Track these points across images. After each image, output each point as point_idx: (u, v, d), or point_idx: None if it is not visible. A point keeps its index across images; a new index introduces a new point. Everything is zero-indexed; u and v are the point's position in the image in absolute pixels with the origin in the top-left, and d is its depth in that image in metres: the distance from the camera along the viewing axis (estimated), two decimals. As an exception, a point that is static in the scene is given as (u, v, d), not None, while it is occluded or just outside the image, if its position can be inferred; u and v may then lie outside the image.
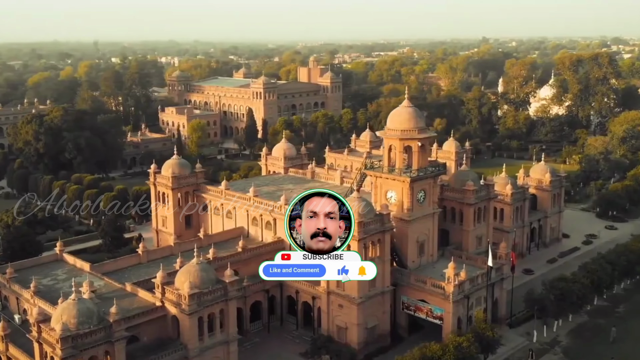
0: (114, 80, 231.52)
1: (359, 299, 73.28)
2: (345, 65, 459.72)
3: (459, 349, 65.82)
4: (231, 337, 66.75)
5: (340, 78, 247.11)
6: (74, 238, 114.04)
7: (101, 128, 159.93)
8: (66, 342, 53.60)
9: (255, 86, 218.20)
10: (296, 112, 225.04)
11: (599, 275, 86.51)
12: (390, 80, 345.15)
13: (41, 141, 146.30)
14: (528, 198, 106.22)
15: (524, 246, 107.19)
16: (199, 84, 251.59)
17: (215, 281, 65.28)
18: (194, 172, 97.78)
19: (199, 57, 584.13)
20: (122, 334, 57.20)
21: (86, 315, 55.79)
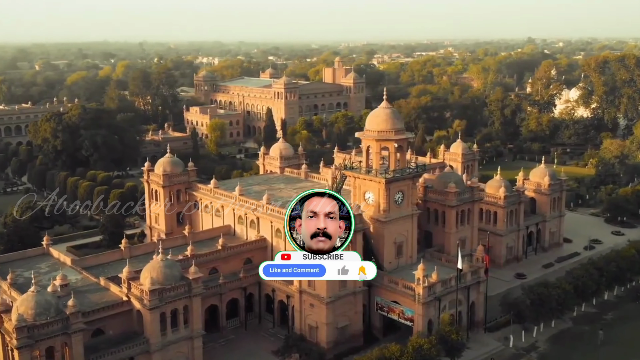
0: (141, 79, 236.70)
1: (327, 299, 73.90)
2: (379, 65, 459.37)
3: (418, 350, 65.83)
4: (195, 333, 68.20)
5: (364, 78, 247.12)
6: (78, 233, 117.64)
7: (119, 126, 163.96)
8: (21, 332, 55.85)
9: (277, 86, 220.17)
10: (318, 113, 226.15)
11: (583, 281, 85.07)
12: (422, 80, 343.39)
13: (59, 138, 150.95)
14: (524, 201, 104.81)
15: (519, 250, 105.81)
16: (225, 84, 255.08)
17: (179, 278, 66.87)
18: (186, 171, 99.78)
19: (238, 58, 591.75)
20: (79, 326, 59.20)
21: (43, 307, 57.97)
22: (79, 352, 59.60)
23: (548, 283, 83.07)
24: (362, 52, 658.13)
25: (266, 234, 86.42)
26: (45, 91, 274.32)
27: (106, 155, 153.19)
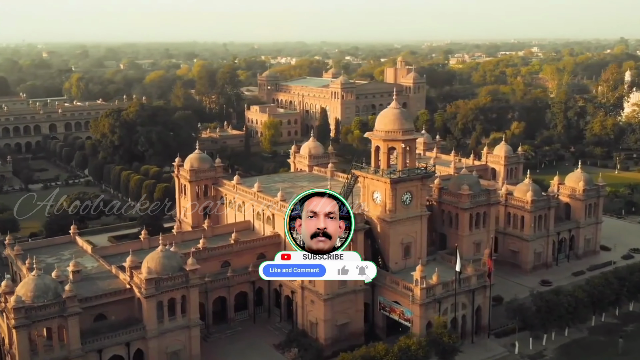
0: (207, 79, 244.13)
1: (325, 296, 75.08)
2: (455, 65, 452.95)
3: (405, 351, 65.95)
4: (192, 323, 70.98)
5: (424, 78, 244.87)
6: (122, 224, 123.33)
7: (174, 123, 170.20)
8: (19, 312, 60.15)
9: (333, 86, 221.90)
10: (375, 113, 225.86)
11: (600, 290, 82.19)
12: (494, 81, 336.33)
13: (116, 134, 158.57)
14: (554, 206, 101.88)
15: (549, 256, 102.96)
16: (286, 84, 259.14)
17: (177, 268, 69.82)
18: (213, 167, 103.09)
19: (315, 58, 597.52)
20: (75, 310, 62.95)
21: (42, 290, 62.11)
22: (75, 335, 63.47)
23: (560, 290, 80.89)
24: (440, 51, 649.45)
25: (280, 230, 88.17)
26: (122, 89, 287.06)
27: (160, 150, 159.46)
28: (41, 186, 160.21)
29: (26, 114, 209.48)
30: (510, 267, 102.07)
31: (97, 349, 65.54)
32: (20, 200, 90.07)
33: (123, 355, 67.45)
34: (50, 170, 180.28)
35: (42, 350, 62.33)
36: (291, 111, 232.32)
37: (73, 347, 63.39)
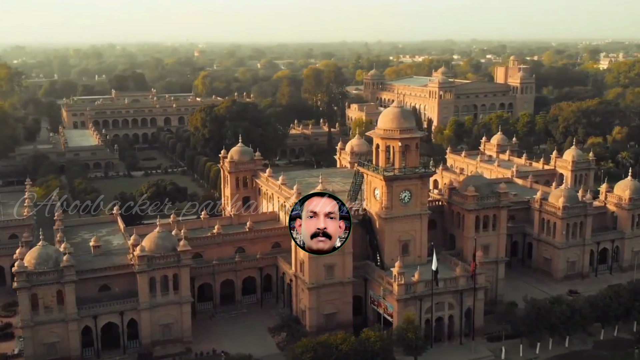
0: (313, 78, 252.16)
1: (310, 284, 78.52)
2: (599, 65, 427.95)
3: (363, 342, 67.94)
4: (183, 299, 77.68)
5: (533, 78, 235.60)
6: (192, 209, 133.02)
7: (262, 119, 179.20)
8: (20, 276, 69.92)
9: (431, 85, 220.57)
10: (477, 113, 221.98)
11: (606, 303, 78.34)
12: (628, 82, 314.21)
13: (207, 128, 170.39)
14: (591, 214, 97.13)
15: (584, 266, 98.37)
16: (390, 83, 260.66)
17: (170, 249, 76.79)
18: (253, 159, 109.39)
19: (437, 57, 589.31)
20: (71, 278, 71.78)
21: (43, 259, 71.55)
22: (72, 300, 72.36)
23: (560, 299, 78.16)
24: (586, 50, 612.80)
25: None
26: (244, 87, 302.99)
27: (247, 144, 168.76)
28: (142, 173, 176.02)
29: (144, 107, 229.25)
30: (543, 274, 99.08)
31: (92, 315, 74.10)
32: (20, 202, 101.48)
33: (117, 323, 75.53)
34: (157, 160, 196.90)
35: (43, 312, 71.75)
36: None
37: (69, 311, 72.38)
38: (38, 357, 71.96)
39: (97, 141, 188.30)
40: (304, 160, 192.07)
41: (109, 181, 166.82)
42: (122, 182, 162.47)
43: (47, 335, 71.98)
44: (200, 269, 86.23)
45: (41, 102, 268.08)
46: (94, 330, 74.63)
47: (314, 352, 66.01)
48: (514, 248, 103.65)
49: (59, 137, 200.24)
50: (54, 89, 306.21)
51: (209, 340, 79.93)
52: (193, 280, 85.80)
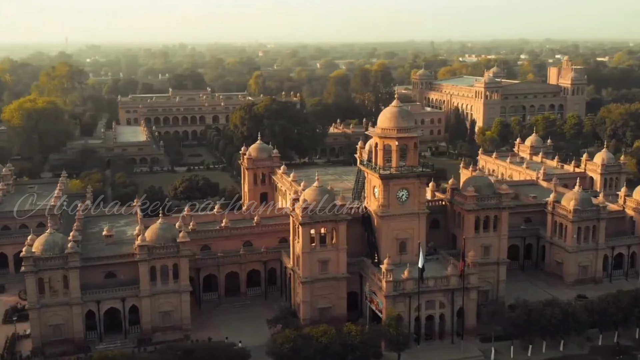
0: (361, 77, 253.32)
1: (303, 279, 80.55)
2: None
3: (344, 336, 69.43)
4: (182, 288, 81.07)
5: (585, 79, 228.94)
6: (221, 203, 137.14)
7: (300, 118, 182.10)
8: (27, 260, 74.89)
9: (477, 85, 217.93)
10: (525, 114, 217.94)
11: (602, 308, 76.94)
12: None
13: (245, 125, 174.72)
14: (604, 218, 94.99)
15: (597, 271, 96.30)
16: (439, 83, 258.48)
17: (170, 240, 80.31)
18: (270, 157, 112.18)
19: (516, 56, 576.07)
20: (75, 264, 76.28)
21: (50, 245, 76.37)
22: (76, 285, 76.89)
23: (554, 302, 77.31)
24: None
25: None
26: (296, 86, 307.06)
27: (282, 142, 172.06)
28: (185, 169, 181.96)
29: (194, 105, 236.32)
30: (555, 278, 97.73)
31: (95, 300, 78.46)
32: (20, 201, 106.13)
33: (119, 309, 79.68)
34: (202, 156, 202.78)
35: (49, 295, 76.62)
36: (436, 110, 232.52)
37: (73, 295, 76.97)
38: (44, 337, 76.81)
39: (145, 137, 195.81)
40: (342, 159, 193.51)
41: (151, 176, 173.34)
42: (164, 177, 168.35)
43: (53, 317, 76.77)
44: (206, 260, 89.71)
45: (101, 100, 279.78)
46: (97, 315, 78.97)
47: (293, 343, 67.99)
48: (527, 251, 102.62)
49: (111, 132, 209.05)
50: (117, 87, 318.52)
51: (209, 328, 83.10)
52: (198, 271, 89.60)
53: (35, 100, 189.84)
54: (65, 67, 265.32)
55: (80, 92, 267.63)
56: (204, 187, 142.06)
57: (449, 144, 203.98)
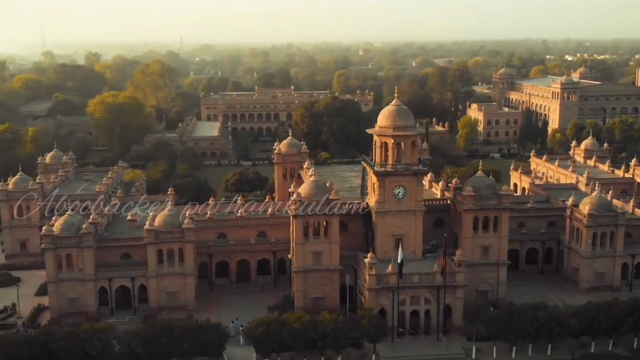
0: (438, 76, 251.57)
1: (296, 268, 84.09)
2: None
3: (316, 323, 72.40)
4: (187, 271, 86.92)
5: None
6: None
7: (359, 116, 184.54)
8: (46, 238, 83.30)
9: (554, 86, 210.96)
10: (606, 117, 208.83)
11: (592, 314, 75.08)
12: None
13: (305, 123, 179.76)
14: (623, 224, 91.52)
15: (616, 279, 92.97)
16: (520, 83, 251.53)
17: (177, 226, 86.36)
18: (300, 152, 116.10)
19: (631, 57, 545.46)
20: (89, 244, 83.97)
21: (67, 226, 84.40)
22: (89, 263, 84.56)
23: (541, 306, 76.23)
24: None
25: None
26: (376, 85, 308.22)
27: (340, 140, 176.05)
28: (250, 163, 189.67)
29: (269, 103, 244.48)
30: (571, 284, 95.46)
31: (107, 277, 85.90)
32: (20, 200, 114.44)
33: (129, 287, 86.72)
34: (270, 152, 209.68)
35: (65, 271, 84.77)
36: (512, 111, 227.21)
37: (87, 272, 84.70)
38: (61, 309, 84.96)
39: (217, 132, 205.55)
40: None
41: (217, 169, 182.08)
42: (228, 170, 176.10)
43: (68, 291, 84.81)
44: (218, 247, 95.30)
45: (192, 96, 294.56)
46: (109, 291, 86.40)
47: (266, 327, 71.77)
48: (548, 255, 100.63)
49: (189, 127, 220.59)
50: (210, 85, 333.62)
51: (212, 310, 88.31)
52: (211, 257, 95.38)
53: (117, 95, 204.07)
54: (157, 65, 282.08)
55: (170, 89, 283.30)
56: (253, 180, 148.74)
57: (519, 145, 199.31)
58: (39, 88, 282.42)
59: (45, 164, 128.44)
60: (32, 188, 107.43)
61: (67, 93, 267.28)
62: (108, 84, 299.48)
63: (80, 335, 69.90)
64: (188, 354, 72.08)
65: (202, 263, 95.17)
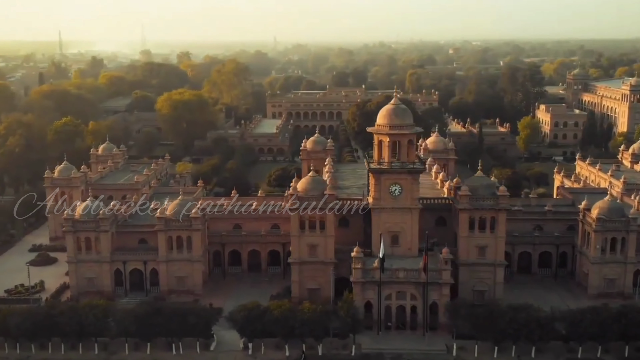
0: (509, 76, 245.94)
1: (292, 259, 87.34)
2: None
3: (293, 311, 75.53)
4: (194, 258, 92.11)
5: None
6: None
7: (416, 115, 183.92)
8: (68, 222, 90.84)
9: (623, 88, 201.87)
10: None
11: (577, 319, 73.89)
12: None
13: (356, 122, 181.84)
14: (635, 230, 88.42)
15: (626, 286, 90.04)
16: (594, 84, 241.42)
17: (186, 215, 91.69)
18: (325, 149, 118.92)
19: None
20: (105, 228, 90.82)
21: (87, 211, 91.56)
22: (106, 246, 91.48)
23: (523, 307, 75.64)
24: None
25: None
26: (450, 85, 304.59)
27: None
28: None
29: (332, 101, 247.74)
30: (582, 289, 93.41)
31: (122, 260, 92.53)
32: (20, 200, 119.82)
33: (142, 270, 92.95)
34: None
35: (84, 252, 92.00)
36: (581, 113, 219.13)
37: (104, 255, 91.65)
38: (80, 288, 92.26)
39: (275, 130, 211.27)
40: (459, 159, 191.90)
41: (271, 165, 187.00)
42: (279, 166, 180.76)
43: (87, 271, 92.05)
44: (230, 237, 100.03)
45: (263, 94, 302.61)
46: (123, 273, 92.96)
47: (247, 312, 75.57)
48: (563, 259, 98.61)
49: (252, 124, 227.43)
50: (287, 84, 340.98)
51: (219, 296, 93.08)
52: (224, 246, 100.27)
53: (183, 92, 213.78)
54: (232, 64, 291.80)
55: (245, 87, 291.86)
56: (293, 177, 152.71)
57: (581, 148, 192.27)
58: (122, 85, 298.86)
59: (97, 155, 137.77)
60: (74, 176, 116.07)
61: (148, 90, 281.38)
62: (189, 82, 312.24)
63: (79, 311, 76.36)
64: (177, 334, 76.99)
65: (216, 252, 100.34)
